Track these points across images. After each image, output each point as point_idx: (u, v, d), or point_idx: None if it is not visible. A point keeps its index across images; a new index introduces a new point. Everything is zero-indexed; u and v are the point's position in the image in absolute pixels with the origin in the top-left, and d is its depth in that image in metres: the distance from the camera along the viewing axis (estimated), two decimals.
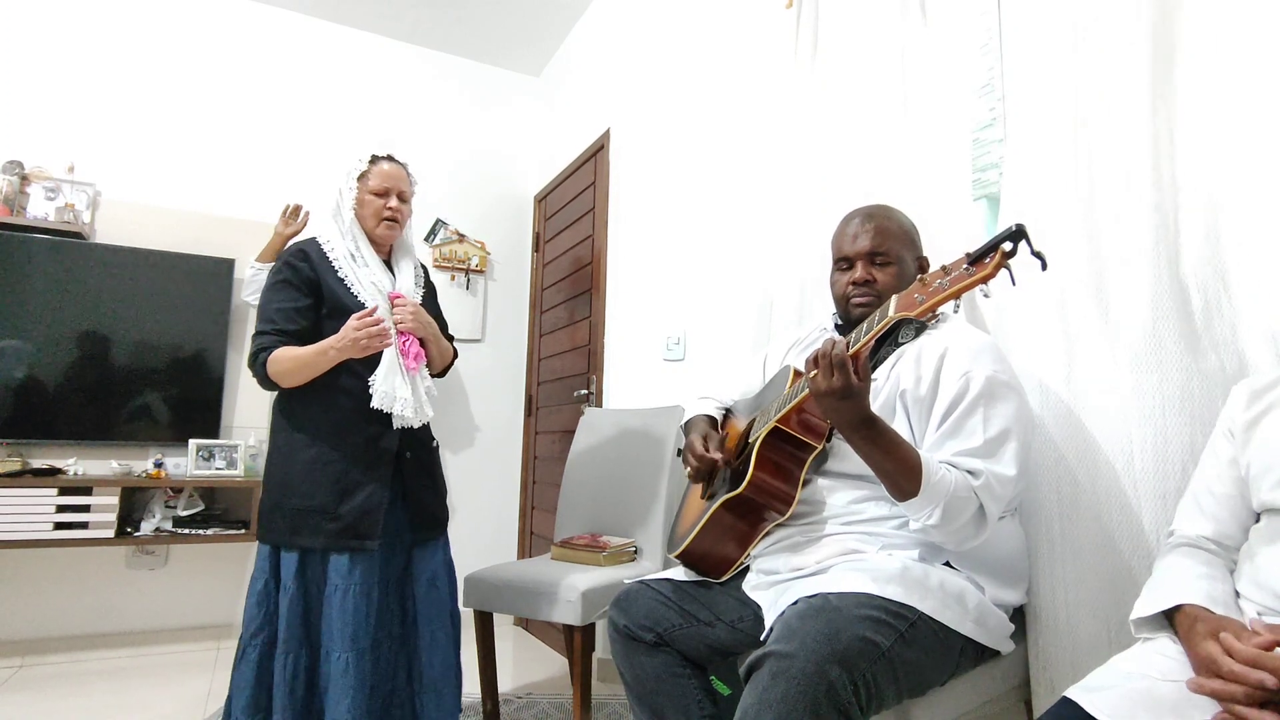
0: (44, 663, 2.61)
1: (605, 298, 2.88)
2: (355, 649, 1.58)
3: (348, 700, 1.55)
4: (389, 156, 1.81)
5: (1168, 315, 1.15)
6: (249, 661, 1.59)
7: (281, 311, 1.66)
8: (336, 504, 1.62)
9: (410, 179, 1.83)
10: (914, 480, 1.06)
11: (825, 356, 1.04)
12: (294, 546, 1.62)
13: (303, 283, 1.69)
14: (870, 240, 1.30)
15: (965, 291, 0.93)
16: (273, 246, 2.81)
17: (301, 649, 1.59)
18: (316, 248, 1.74)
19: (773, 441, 1.22)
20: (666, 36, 2.69)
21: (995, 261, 0.90)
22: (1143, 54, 1.23)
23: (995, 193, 1.65)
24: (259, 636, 1.60)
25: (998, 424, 1.11)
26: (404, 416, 1.67)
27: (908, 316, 0.99)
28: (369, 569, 1.64)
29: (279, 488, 1.66)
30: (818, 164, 1.96)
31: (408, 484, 1.74)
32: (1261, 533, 0.89)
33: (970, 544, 1.12)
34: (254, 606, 1.62)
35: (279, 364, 1.62)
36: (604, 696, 2.26)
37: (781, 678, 0.93)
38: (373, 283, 1.72)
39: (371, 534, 1.63)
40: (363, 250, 1.75)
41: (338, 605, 1.60)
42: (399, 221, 1.78)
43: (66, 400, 2.74)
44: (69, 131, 2.92)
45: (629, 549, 2.11)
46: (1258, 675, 0.70)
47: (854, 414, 1.06)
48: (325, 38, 3.48)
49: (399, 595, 1.74)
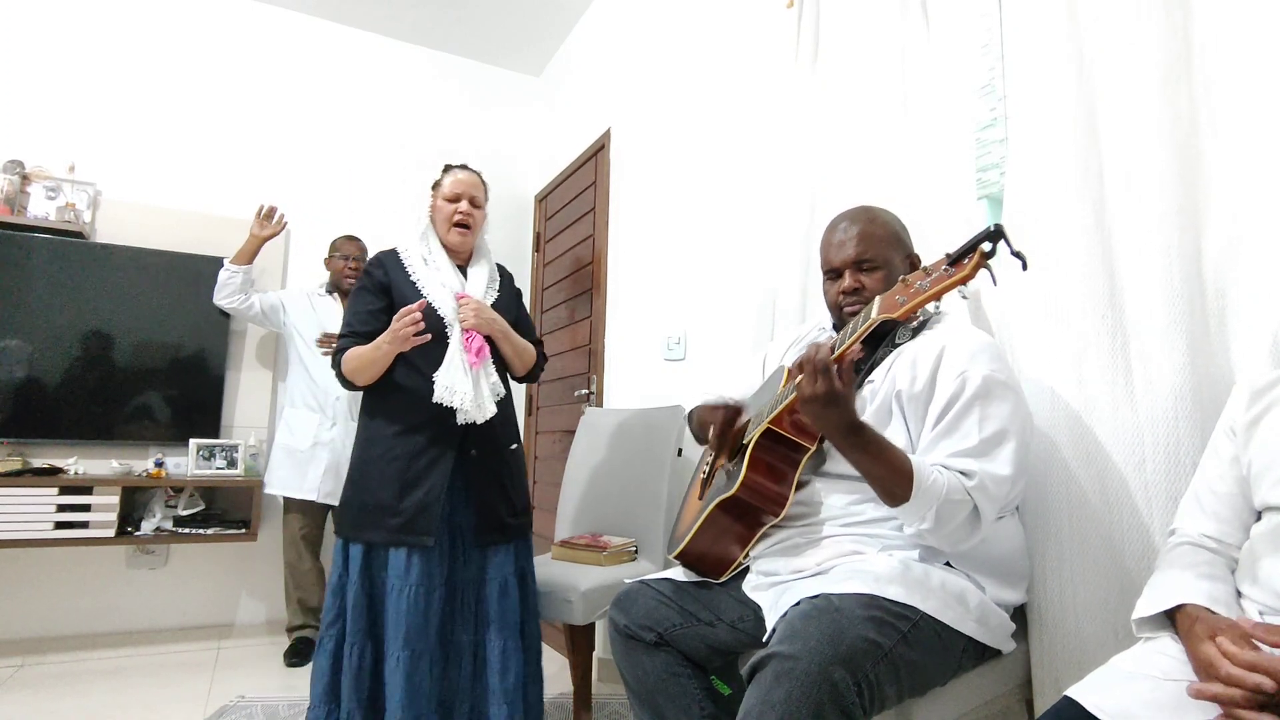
0: (44, 663, 2.61)
1: (606, 297, 2.88)
2: (409, 649, 1.60)
3: (399, 697, 1.58)
4: (463, 165, 1.89)
5: (1180, 318, 1.15)
6: (325, 651, 1.66)
7: (357, 315, 1.77)
8: (398, 499, 1.67)
9: (484, 186, 1.90)
10: (905, 485, 1.06)
11: (809, 362, 1.05)
12: (359, 540, 1.68)
13: (376, 287, 1.79)
14: (855, 248, 1.28)
15: (946, 292, 0.95)
16: (248, 249, 2.79)
17: (367, 642, 1.64)
18: (393, 255, 1.84)
19: (766, 443, 1.22)
20: (667, 36, 2.69)
21: (974, 262, 0.92)
22: (1148, 52, 1.22)
23: (997, 193, 1.64)
24: (334, 627, 1.66)
25: (993, 424, 1.10)
26: (465, 411, 1.70)
27: (890, 318, 1.00)
28: (428, 569, 1.65)
29: (353, 482, 1.75)
30: (818, 164, 1.96)
31: (471, 483, 1.75)
32: (1262, 532, 0.89)
33: (965, 545, 1.12)
34: (330, 598, 1.69)
35: (348, 363, 1.72)
36: (604, 696, 2.26)
37: (785, 679, 0.93)
38: (441, 284, 1.78)
39: (428, 530, 1.65)
40: (435, 254, 1.83)
41: (393, 603, 1.63)
42: (470, 226, 1.84)
43: (67, 400, 2.74)
44: (70, 131, 2.92)
45: (629, 549, 2.11)
46: (1255, 679, 0.70)
47: (840, 420, 1.06)
48: (326, 38, 3.48)
49: (475, 599, 1.74)
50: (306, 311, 2.88)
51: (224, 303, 2.81)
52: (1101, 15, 1.31)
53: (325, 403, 2.79)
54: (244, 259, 2.80)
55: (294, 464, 2.74)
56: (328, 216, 3.21)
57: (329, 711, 1.63)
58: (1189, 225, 1.18)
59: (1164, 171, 1.19)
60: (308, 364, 2.83)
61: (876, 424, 1.19)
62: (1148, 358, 1.18)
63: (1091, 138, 1.31)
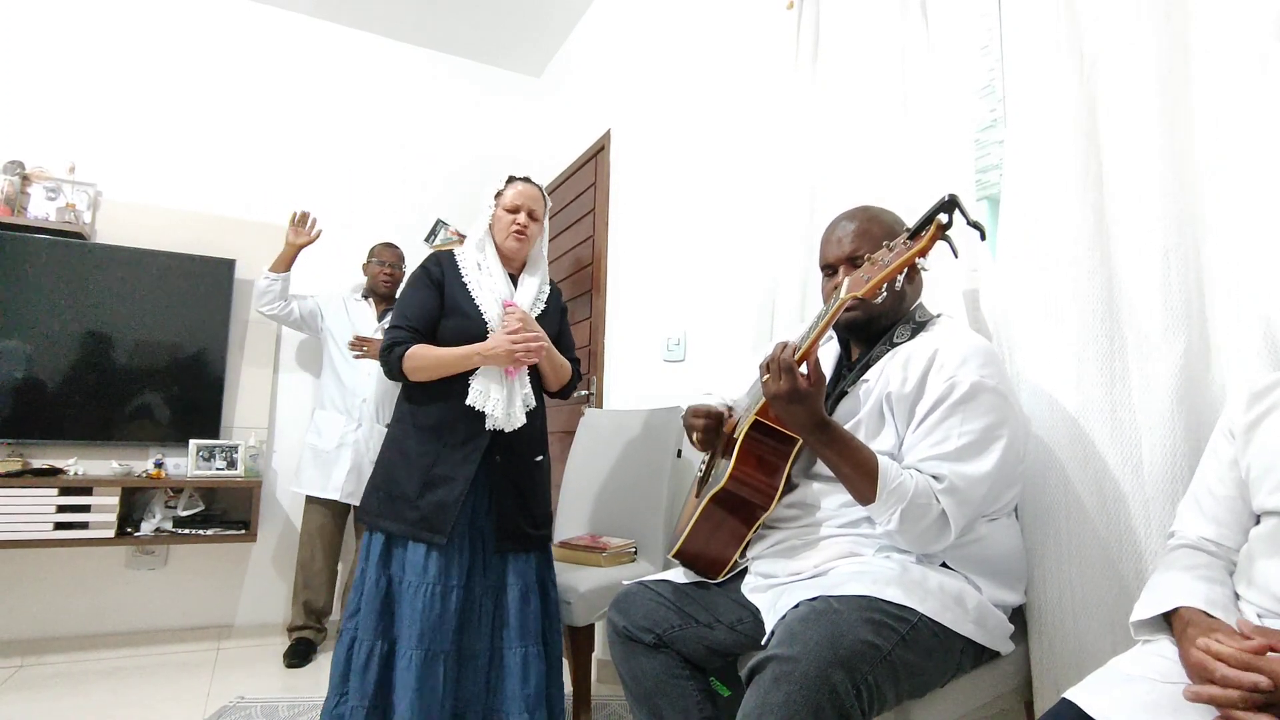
0: (44, 663, 2.61)
1: (605, 298, 2.88)
2: (422, 648, 1.60)
3: (409, 698, 1.58)
4: (526, 179, 1.91)
5: (1179, 320, 1.15)
6: (343, 643, 1.68)
7: (413, 308, 1.79)
8: (419, 494, 1.69)
9: (544, 200, 1.92)
10: (871, 484, 1.07)
11: (774, 361, 1.08)
12: (378, 528, 1.71)
13: (432, 284, 1.82)
14: (850, 245, 1.27)
15: (906, 264, 0.99)
16: (285, 257, 2.82)
17: (377, 639, 1.64)
18: (450, 256, 1.87)
19: (754, 435, 1.22)
20: (667, 37, 2.69)
21: (930, 233, 0.95)
22: (1148, 53, 1.22)
23: (997, 194, 1.65)
24: (353, 620, 1.69)
25: (975, 429, 1.10)
26: (494, 417, 1.72)
27: (858, 295, 1.03)
28: (445, 569, 1.66)
29: (382, 472, 1.78)
30: (818, 164, 1.96)
31: (494, 489, 1.76)
32: (1261, 535, 0.89)
33: (933, 548, 1.12)
34: (353, 590, 1.72)
35: (416, 360, 1.72)
36: (604, 697, 2.26)
37: (784, 681, 0.93)
38: (492, 290, 1.81)
39: (442, 528, 1.66)
40: (489, 261, 1.86)
41: (408, 601, 1.64)
42: (527, 236, 1.86)
43: (67, 400, 2.74)
44: (70, 131, 2.93)
45: (629, 550, 2.11)
46: (1251, 678, 0.70)
47: (806, 417, 1.08)
48: (327, 38, 3.48)
49: (494, 605, 1.75)
50: (341, 315, 2.94)
51: (265, 310, 2.85)
52: (1101, 16, 1.30)
53: (352, 405, 2.84)
54: (282, 267, 2.82)
55: (320, 464, 2.78)
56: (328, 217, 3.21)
57: (339, 701, 1.65)
58: (1188, 227, 1.18)
59: (1164, 172, 1.19)
60: (338, 367, 2.88)
61: (870, 424, 1.20)
62: (1146, 359, 1.18)
63: (1091, 139, 1.31)
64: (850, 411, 1.22)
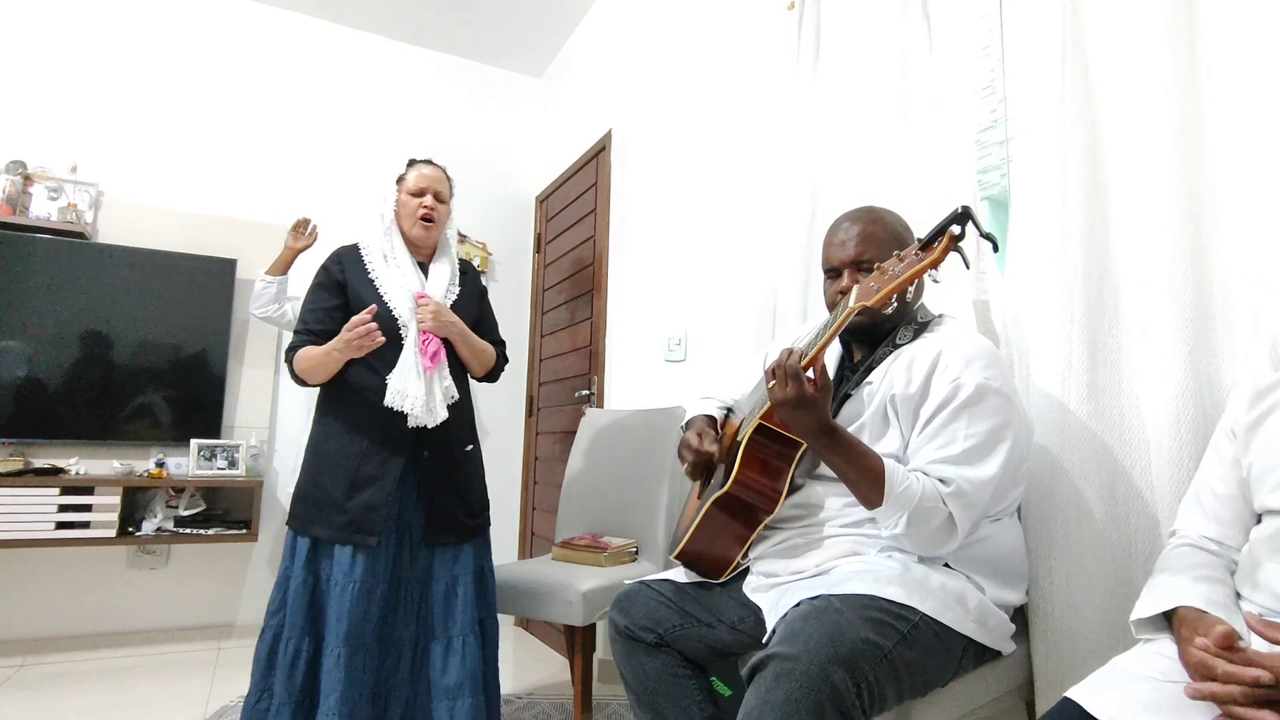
0: (44, 663, 2.61)
1: (606, 298, 2.88)
2: (349, 644, 1.60)
3: (336, 694, 1.57)
4: (427, 160, 1.87)
5: (1185, 322, 1.14)
6: (265, 640, 1.67)
7: (312, 313, 1.76)
8: (345, 498, 1.67)
9: (449, 182, 1.88)
10: (877, 490, 1.07)
11: (780, 367, 1.07)
12: (306, 534, 1.69)
13: (333, 284, 1.78)
14: (855, 248, 1.26)
15: (918, 276, 0.97)
16: (283, 260, 2.79)
17: (304, 637, 1.64)
18: (353, 251, 1.82)
19: (759, 439, 1.22)
20: (668, 38, 2.70)
21: (943, 245, 0.94)
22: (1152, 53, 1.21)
23: (998, 195, 1.65)
24: (276, 617, 1.68)
25: (981, 432, 1.10)
26: (415, 415, 1.69)
27: (867, 305, 1.02)
28: (372, 567, 1.65)
29: (305, 477, 1.75)
30: (819, 165, 1.96)
31: (423, 484, 1.75)
32: (1263, 536, 0.89)
33: (941, 551, 1.12)
34: (275, 589, 1.70)
35: (299, 363, 1.72)
36: (604, 697, 2.26)
37: (785, 679, 0.93)
38: (401, 283, 1.76)
39: (372, 530, 1.65)
40: (397, 250, 1.81)
41: (336, 599, 1.63)
42: (435, 221, 1.82)
43: (68, 400, 2.74)
44: (72, 131, 2.93)
45: (630, 549, 2.11)
46: (1253, 673, 0.69)
47: (812, 422, 1.08)
48: (328, 39, 3.48)
49: (419, 597, 1.75)
50: None
51: (259, 313, 2.80)
52: (1103, 16, 1.30)
53: None
54: (278, 270, 2.79)
55: None
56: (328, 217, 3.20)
57: (260, 697, 1.63)
58: (1194, 227, 1.17)
59: (1169, 173, 1.18)
60: None
61: (874, 426, 1.19)
62: (1153, 360, 1.17)
63: (1094, 140, 1.31)
64: (854, 414, 1.22)
